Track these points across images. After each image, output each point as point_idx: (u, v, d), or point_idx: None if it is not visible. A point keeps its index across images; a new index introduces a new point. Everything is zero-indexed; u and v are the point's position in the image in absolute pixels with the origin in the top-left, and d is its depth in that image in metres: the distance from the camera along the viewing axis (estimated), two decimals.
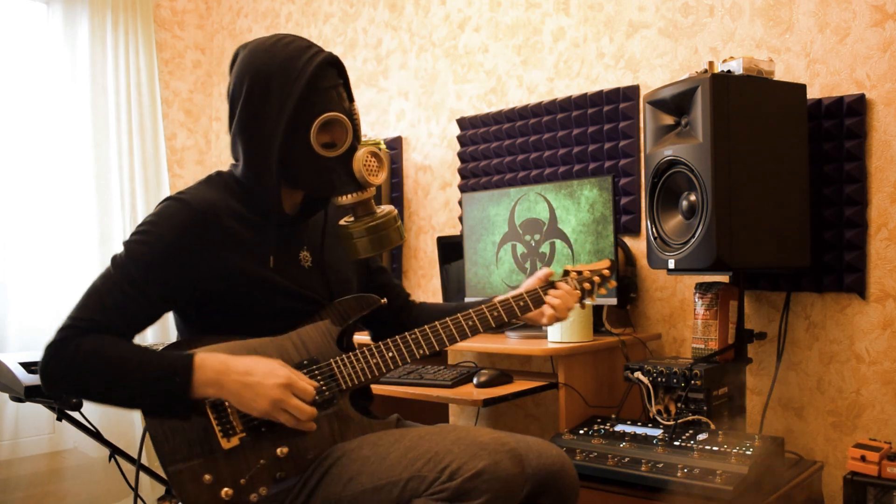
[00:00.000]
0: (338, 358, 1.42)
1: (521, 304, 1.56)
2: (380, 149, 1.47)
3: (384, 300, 1.52)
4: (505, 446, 1.24)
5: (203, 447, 1.31)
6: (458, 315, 1.49)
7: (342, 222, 1.46)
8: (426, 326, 1.47)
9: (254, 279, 1.39)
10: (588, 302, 1.65)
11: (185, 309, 1.42)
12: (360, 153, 1.39)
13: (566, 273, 1.65)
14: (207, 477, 1.30)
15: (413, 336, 1.46)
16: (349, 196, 1.41)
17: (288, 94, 1.34)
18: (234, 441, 1.33)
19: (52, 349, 1.27)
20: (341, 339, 1.46)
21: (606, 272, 1.68)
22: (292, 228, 1.48)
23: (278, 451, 1.34)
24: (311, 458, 1.37)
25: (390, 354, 1.44)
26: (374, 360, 1.42)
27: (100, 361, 1.27)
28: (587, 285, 1.63)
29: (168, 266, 1.33)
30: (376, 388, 1.83)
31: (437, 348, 1.46)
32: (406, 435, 1.32)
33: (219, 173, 1.47)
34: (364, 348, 1.44)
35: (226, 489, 1.30)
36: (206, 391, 1.29)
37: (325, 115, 1.36)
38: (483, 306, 1.52)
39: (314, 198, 1.49)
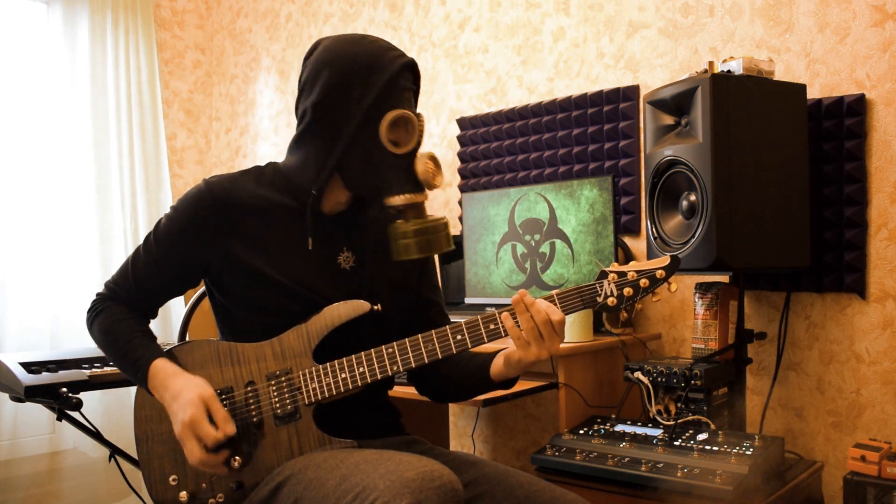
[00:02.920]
0: (306, 370, 1.37)
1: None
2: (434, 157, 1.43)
3: (377, 306, 1.40)
4: (434, 482, 1.14)
5: (175, 449, 1.38)
6: (446, 328, 1.34)
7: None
8: (406, 340, 1.35)
9: (252, 272, 1.39)
10: (625, 311, 1.39)
11: (210, 287, 1.48)
12: (423, 155, 1.37)
13: (603, 275, 1.36)
14: (173, 478, 1.39)
15: (389, 350, 1.35)
16: (402, 196, 1.36)
17: (370, 86, 1.33)
18: None
19: (88, 310, 1.49)
20: (322, 346, 1.38)
21: (661, 273, 1.35)
22: (330, 227, 1.44)
23: (233, 461, 1.35)
24: (266, 470, 1.35)
25: (361, 370, 1.35)
26: (343, 376, 1.35)
27: (101, 334, 1.45)
28: (628, 291, 1.34)
29: (179, 245, 1.42)
30: None
31: (414, 364, 1.34)
32: (348, 459, 1.25)
33: (266, 165, 1.47)
34: (336, 362, 1.36)
35: (183, 492, 1.38)
36: (156, 395, 1.39)
37: (399, 111, 1.35)
38: (479, 317, 1.36)
39: (364, 199, 1.45)
